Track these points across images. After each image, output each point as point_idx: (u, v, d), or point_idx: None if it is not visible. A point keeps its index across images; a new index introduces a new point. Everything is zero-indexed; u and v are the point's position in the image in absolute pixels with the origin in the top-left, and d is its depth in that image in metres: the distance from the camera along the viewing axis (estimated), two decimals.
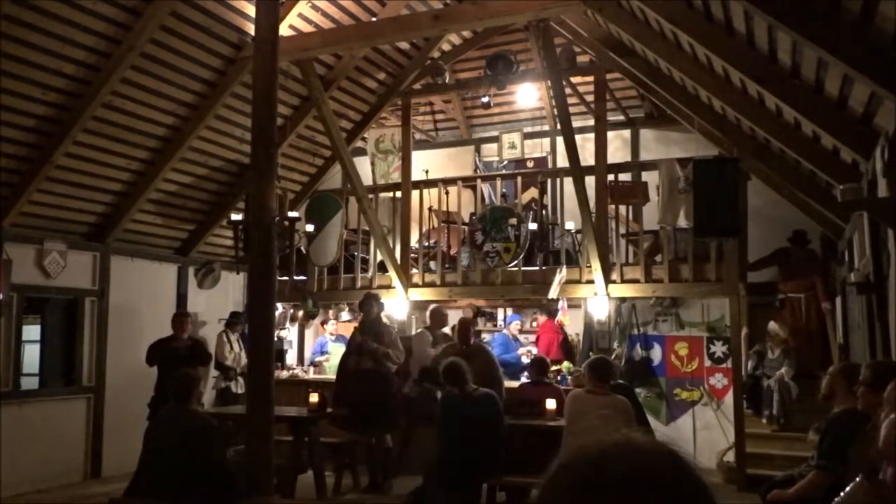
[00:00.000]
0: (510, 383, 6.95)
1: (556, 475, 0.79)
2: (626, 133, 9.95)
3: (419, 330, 7.75)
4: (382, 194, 9.17)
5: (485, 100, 8.96)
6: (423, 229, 8.88)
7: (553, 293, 7.63)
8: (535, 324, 9.57)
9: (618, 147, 9.66)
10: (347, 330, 9.76)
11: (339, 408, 6.74)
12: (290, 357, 10.19)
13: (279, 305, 8.66)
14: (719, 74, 5.85)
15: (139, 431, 4.83)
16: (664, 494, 0.74)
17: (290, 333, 10.11)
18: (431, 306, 7.93)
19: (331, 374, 8.98)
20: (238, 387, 8.21)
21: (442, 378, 5.59)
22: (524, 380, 7.17)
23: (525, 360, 8.20)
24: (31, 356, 8.09)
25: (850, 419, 3.51)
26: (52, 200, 7.37)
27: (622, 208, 8.09)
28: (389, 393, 6.93)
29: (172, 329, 7.28)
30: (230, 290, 9.87)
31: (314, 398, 6.68)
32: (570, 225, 8.55)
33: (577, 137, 7.32)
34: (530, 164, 10.10)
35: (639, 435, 0.80)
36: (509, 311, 10.07)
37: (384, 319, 7.59)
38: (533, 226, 7.97)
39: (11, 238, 7.08)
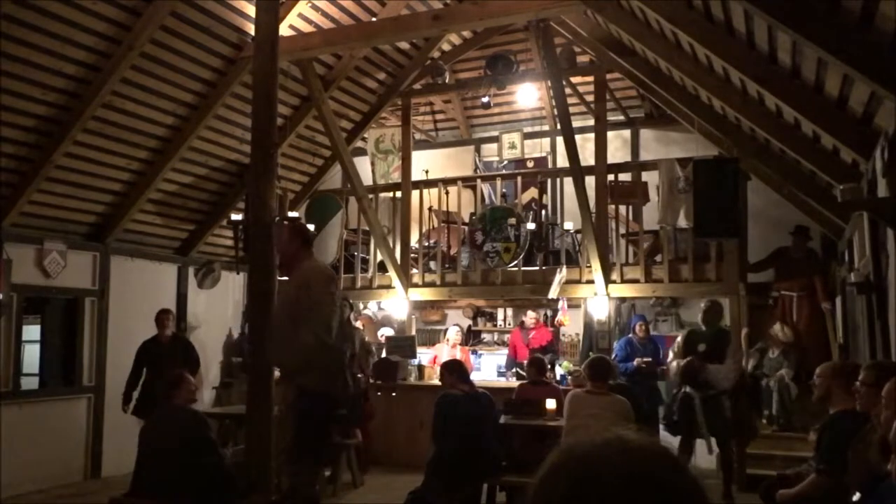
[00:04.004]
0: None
1: (549, 474, 0.79)
2: (626, 133, 9.94)
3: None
4: (382, 194, 9.18)
5: (485, 100, 8.97)
6: (423, 229, 8.89)
7: (553, 293, 7.64)
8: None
9: (618, 147, 9.66)
10: None
11: None
12: None
13: None
14: (719, 74, 5.85)
15: (139, 431, 4.83)
16: (657, 493, 0.74)
17: None
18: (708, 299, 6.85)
19: None
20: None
21: (451, 374, 5.65)
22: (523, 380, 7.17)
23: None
24: (31, 356, 8.09)
25: (848, 420, 3.50)
26: (52, 200, 7.37)
27: (622, 208, 8.10)
28: (358, 394, 7.01)
29: (156, 327, 7.24)
30: (230, 290, 9.87)
31: None
32: (569, 225, 8.56)
33: (577, 137, 7.33)
34: (530, 164, 10.10)
35: (631, 434, 0.80)
36: (509, 311, 10.08)
37: (353, 322, 7.65)
38: (532, 226, 7.97)
39: (11, 238, 7.08)
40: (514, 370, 8.53)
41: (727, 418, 6.21)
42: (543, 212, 8.65)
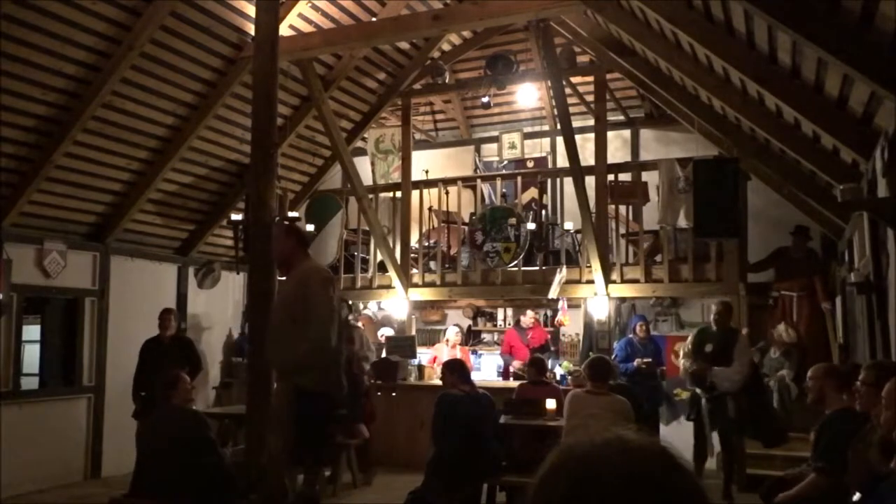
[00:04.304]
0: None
1: (548, 474, 0.79)
2: (626, 133, 9.94)
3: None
4: (382, 194, 9.18)
5: (485, 100, 8.96)
6: (423, 229, 8.89)
7: (553, 293, 7.64)
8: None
9: (618, 147, 9.65)
10: None
11: None
12: None
13: None
14: (719, 74, 5.85)
15: (137, 431, 4.83)
16: (657, 493, 0.74)
17: None
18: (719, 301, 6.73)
19: None
20: None
21: (453, 374, 5.67)
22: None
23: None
24: (31, 356, 8.09)
25: (845, 419, 3.51)
26: (52, 200, 7.37)
27: (622, 208, 8.10)
28: (360, 392, 7.11)
29: (158, 327, 7.02)
30: (230, 290, 9.87)
31: None
32: (569, 225, 8.56)
33: (577, 137, 7.33)
34: (530, 164, 10.10)
35: (631, 434, 0.80)
36: (509, 311, 10.08)
37: (352, 321, 7.73)
38: (533, 226, 7.97)
39: (11, 238, 7.07)
40: (515, 370, 8.50)
41: (730, 419, 6.24)
42: (543, 212, 8.65)
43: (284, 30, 7.13)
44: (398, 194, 8.95)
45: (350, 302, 7.97)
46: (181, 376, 4.61)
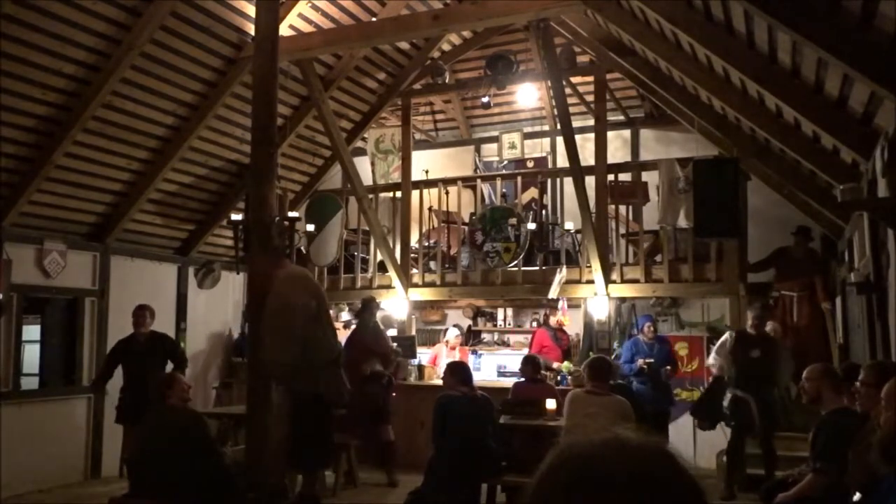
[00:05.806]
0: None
1: (547, 474, 0.79)
2: (626, 133, 9.94)
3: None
4: (382, 194, 9.18)
5: (485, 100, 8.96)
6: (423, 229, 8.89)
7: (553, 293, 7.64)
8: (533, 323, 9.56)
9: (618, 147, 9.65)
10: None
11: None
12: None
13: None
14: (719, 74, 5.85)
15: (135, 430, 4.83)
16: (655, 493, 0.74)
17: None
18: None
19: None
20: None
21: (453, 377, 5.69)
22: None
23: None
24: (31, 356, 8.08)
25: (842, 419, 3.51)
26: (52, 200, 7.37)
27: (622, 208, 8.10)
28: (389, 394, 7.38)
29: (133, 324, 6.90)
30: (230, 290, 9.87)
31: None
32: (569, 225, 8.55)
33: (577, 137, 7.33)
34: (530, 164, 10.10)
35: (630, 433, 0.79)
36: (509, 311, 10.08)
37: (380, 324, 7.82)
38: (533, 226, 7.97)
39: (11, 238, 7.07)
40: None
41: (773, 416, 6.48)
42: (543, 212, 8.65)
43: (284, 30, 7.13)
44: (398, 194, 8.95)
45: (377, 301, 8.03)
46: (177, 377, 4.62)
